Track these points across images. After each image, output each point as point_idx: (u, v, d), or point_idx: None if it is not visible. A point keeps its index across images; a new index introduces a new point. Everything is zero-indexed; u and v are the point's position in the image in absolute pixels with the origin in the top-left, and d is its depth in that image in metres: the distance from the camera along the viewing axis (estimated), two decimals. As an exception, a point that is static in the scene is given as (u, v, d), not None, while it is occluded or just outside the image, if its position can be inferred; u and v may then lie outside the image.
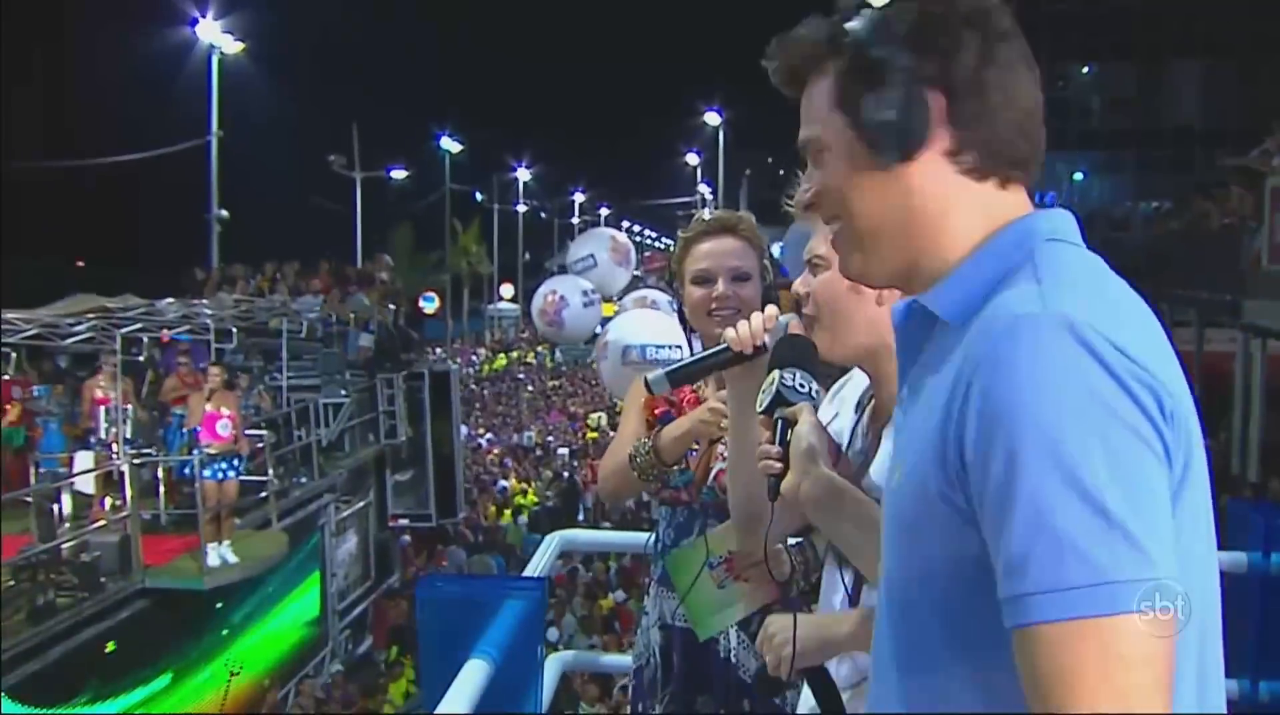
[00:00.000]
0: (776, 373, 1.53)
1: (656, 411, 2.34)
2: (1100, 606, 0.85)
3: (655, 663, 2.37)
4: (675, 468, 2.27)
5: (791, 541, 1.87)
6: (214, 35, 20.30)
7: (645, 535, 2.55)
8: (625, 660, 2.80)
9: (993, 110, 1.03)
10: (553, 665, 2.78)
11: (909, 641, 1.04)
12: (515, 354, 44.61)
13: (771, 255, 2.32)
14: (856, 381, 1.75)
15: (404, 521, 15.65)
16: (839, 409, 1.76)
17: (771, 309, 1.69)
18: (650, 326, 4.70)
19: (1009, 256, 1.03)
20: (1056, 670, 0.86)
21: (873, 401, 1.68)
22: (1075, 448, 0.87)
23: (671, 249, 2.39)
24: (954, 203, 1.06)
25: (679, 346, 4.40)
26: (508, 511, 18.96)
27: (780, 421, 1.48)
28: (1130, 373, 0.90)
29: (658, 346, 4.48)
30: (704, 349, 1.99)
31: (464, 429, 20.39)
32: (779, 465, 1.44)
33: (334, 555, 13.25)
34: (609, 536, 4.51)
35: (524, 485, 20.60)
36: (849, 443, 1.69)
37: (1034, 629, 0.87)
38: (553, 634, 12.17)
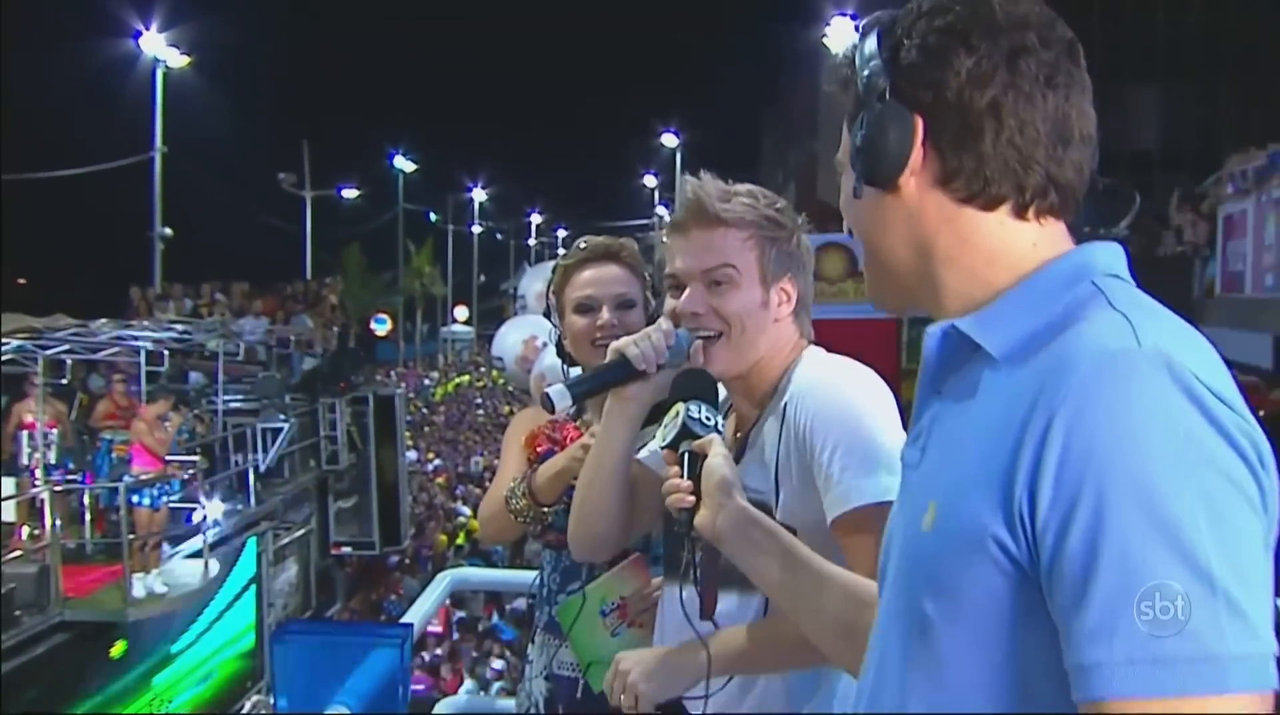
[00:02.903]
0: (681, 406, 1.50)
1: (539, 449, 2.22)
2: (1201, 685, 0.77)
3: None
4: (555, 508, 2.13)
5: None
6: (159, 48, 20.00)
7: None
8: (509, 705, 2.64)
9: (977, 134, 0.97)
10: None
11: (930, 691, 0.94)
12: (467, 377, 44.17)
13: (653, 283, 2.21)
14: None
15: (346, 550, 15.32)
16: None
17: (667, 324, 1.61)
18: None
19: (1067, 290, 0.95)
20: None
21: (733, 417, 1.67)
22: (1176, 503, 0.79)
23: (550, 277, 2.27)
24: (962, 230, 1.00)
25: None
26: (460, 538, 18.64)
27: (687, 455, 1.45)
28: (1231, 421, 0.83)
29: None
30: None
31: (413, 454, 20.06)
32: (691, 498, 1.41)
33: (272, 584, 12.91)
34: (503, 576, 4.33)
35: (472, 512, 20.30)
36: None
37: (1113, 703, 0.79)
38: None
